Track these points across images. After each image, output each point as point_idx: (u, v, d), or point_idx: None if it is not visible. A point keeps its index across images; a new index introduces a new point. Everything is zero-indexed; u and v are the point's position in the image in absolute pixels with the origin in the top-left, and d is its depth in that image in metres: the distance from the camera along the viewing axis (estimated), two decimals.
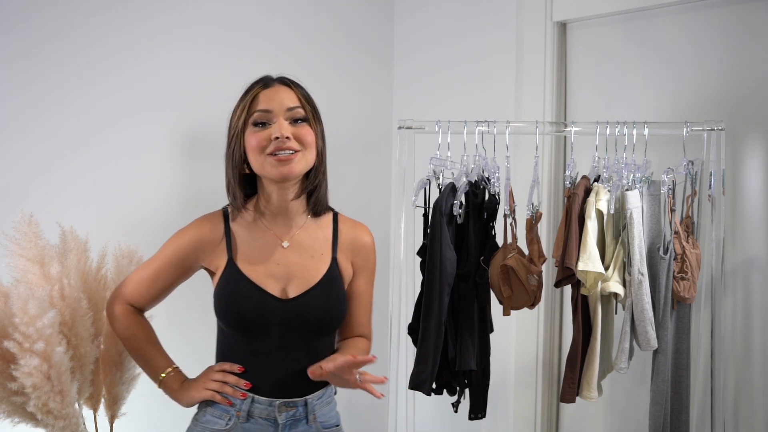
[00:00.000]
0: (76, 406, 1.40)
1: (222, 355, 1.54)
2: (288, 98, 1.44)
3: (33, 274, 1.41)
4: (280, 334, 1.46)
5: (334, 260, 1.52)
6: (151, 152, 2.00)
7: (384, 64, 2.65)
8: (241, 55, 2.17)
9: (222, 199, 2.05)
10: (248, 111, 1.43)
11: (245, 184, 1.50)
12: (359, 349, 1.56)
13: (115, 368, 1.53)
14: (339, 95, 2.45)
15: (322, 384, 1.52)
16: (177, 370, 1.53)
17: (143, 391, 1.64)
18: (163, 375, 1.50)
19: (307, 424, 1.50)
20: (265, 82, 1.47)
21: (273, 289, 1.47)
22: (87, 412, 1.51)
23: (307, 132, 1.44)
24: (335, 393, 1.60)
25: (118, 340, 1.52)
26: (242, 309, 1.45)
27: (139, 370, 1.57)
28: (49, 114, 1.80)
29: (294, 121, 1.44)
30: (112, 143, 1.91)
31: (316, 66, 2.38)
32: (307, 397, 1.50)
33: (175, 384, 1.50)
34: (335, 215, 1.58)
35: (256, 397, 1.47)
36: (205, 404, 1.50)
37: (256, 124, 1.43)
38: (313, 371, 1.43)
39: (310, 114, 1.46)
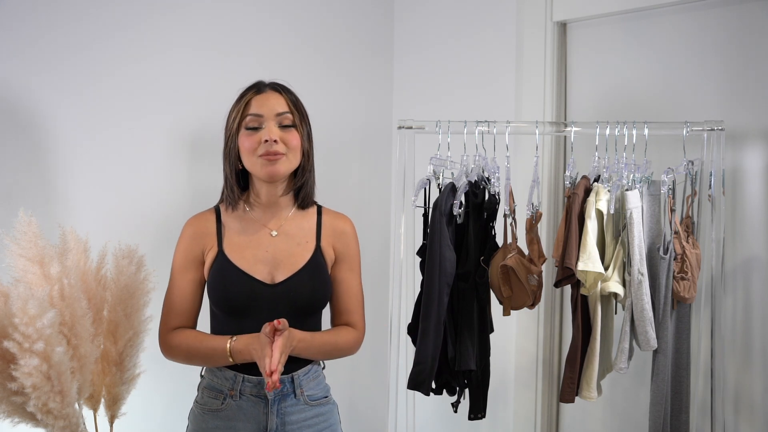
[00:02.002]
0: (76, 406, 1.40)
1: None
2: (278, 104, 1.59)
3: (33, 274, 1.40)
4: (267, 317, 1.54)
5: (318, 247, 1.66)
6: (152, 152, 2.00)
7: (384, 64, 2.65)
8: (241, 54, 2.17)
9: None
10: (242, 115, 1.59)
11: (240, 178, 1.65)
12: (338, 334, 1.66)
13: (115, 368, 1.53)
14: (339, 95, 2.45)
15: (308, 361, 1.64)
16: (236, 338, 1.57)
17: (143, 391, 1.65)
18: (229, 344, 1.55)
19: (295, 398, 1.62)
20: (258, 88, 1.62)
21: (261, 275, 1.59)
22: (87, 412, 1.51)
23: (293, 137, 1.59)
24: (323, 368, 1.71)
25: (118, 340, 1.53)
26: (232, 295, 1.58)
27: (139, 369, 1.57)
28: (49, 114, 1.80)
29: (282, 125, 1.59)
30: (112, 143, 1.91)
31: (316, 66, 2.38)
32: (294, 373, 1.61)
33: (242, 345, 1.55)
34: (319, 208, 1.72)
35: (246, 376, 1.59)
36: (203, 387, 1.64)
37: (248, 128, 1.58)
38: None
39: (297, 119, 1.60)
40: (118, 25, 1.90)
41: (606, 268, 1.78)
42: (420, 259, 1.88)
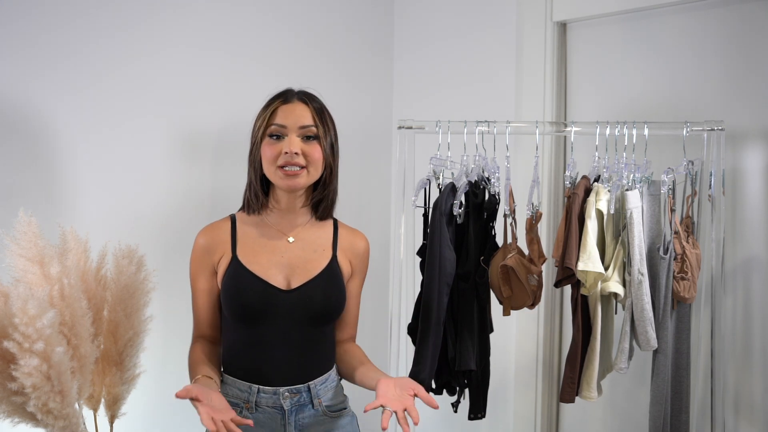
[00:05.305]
0: (76, 406, 1.40)
1: (226, 346, 1.62)
2: (303, 116, 1.56)
3: (33, 274, 1.40)
4: (283, 324, 1.55)
5: (335, 257, 1.64)
6: (152, 152, 1.99)
7: (384, 64, 2.65)
8: (241, 54, 2.17)
9: (222, 200, 2.06)
10: (267, 123, 1.57)
11: (263, 184, 1.62)
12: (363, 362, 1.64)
13: (115, 368, 1.53)
14: (339, 95, 2.44)
15: (324, 369, 1.62)
16: (202, 378, 1.51)
17: (143, 391, 1.64)
18: (192, 381, 1.51)
19: (313, 409, 1.59)
20: (285, 97, 1.59)
21: (277, 280, 1.56)
22: (87, 412, 1.51)
23: (314, 150, 1.56)
24: (340, 378, 1.69)
25: (118, 340, 1.52)
26: (246, 301, 1.54)
27: (139, 369, 1.57)
28: (50, 113, 1.80)
29: (305, 137, 1.56)
30: (112, 143, 1.91)
31: (316, 65, 2.38)
32: (310, 382, 1.58)
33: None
34: (335, 221, 1.70)
35: (261, 387, 1.55)
36: None
37: (271, 136, 1.56)
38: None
39: (321, 132, 1.57)
40: (117, 25, 1.90)
41: (606, 268, 1.78)
42: (420, 259, 1.88)
